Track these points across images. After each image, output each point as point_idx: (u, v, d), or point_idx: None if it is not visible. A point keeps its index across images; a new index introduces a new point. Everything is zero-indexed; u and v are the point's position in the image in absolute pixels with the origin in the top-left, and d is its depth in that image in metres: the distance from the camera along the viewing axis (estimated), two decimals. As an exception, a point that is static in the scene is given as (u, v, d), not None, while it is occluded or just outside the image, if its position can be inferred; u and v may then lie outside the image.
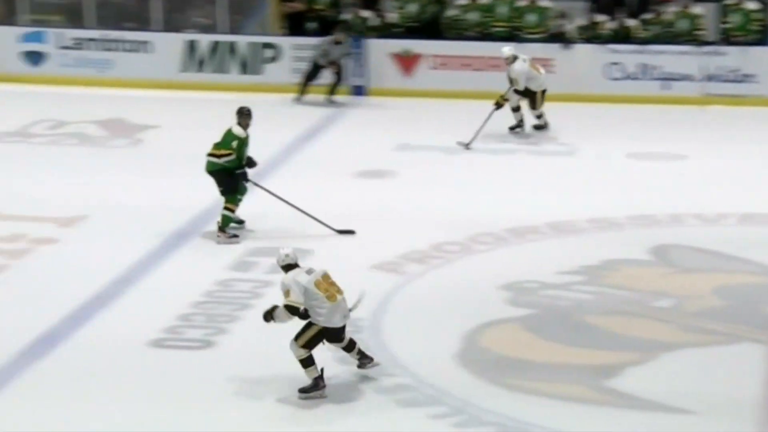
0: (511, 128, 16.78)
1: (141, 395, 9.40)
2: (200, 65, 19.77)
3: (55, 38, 19.99)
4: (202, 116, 17.70)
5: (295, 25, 19.70)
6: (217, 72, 19.55)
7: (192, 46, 19.77)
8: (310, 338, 9.34)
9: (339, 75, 18.72)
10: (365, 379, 9.65)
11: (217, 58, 19.64)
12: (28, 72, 19.94)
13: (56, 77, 19.73)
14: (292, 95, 18.79)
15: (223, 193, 12.67)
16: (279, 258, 9.47)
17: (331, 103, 18.67)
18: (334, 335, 9.43)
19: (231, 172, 12.55)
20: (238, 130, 12.58)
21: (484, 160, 15.95)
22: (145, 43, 19.82)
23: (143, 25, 20.24)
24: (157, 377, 9.68)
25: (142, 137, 16.96)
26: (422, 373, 9.78)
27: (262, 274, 11.84)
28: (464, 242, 12.76)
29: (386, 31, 19.53)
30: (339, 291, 9.38)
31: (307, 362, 9.37)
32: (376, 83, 19.29)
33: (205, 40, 19.79)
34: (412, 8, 19.63)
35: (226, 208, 12.64)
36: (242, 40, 19.69)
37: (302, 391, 9.37)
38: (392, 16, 19.71)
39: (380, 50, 19.21)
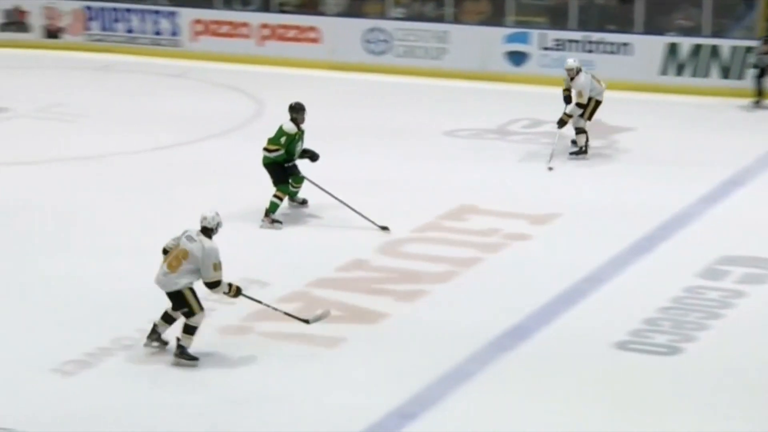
0: (572, 153, 15.77)
1: (602, 398, 9.38)
2: (680, 68, 19.51)
3: (538, 39, 20.40)
4: (679, 120, 17.46)
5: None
6: (697, 76, 19.21)
7: (673, 48, 19.54)
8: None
9: None
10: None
11: (699, 62, 19.29)
12: (510, 71, 20.49)
13: (536, 77, 20.12)
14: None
15: (274, 183, 13.23)
16: (201, 217, 9.79)
17: None
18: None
19: (282, 164, 13.10)
20: (288, 127, 13.11)
21: None
22: (625, 45, 19.81)
23: (625, 27, 20.21)
24: (619, 380, 9.64)
25: (618, 139, 16.96)
26: None
27: (732, 284, 11.55)
28: None
29: None
30: (171, 268, 9.67)
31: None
32: None
33: (686, 42, 19.51)
34: None
35: (275, 196, 13.20)
36: (725, 44, 19.22)
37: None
38: None
39: None
